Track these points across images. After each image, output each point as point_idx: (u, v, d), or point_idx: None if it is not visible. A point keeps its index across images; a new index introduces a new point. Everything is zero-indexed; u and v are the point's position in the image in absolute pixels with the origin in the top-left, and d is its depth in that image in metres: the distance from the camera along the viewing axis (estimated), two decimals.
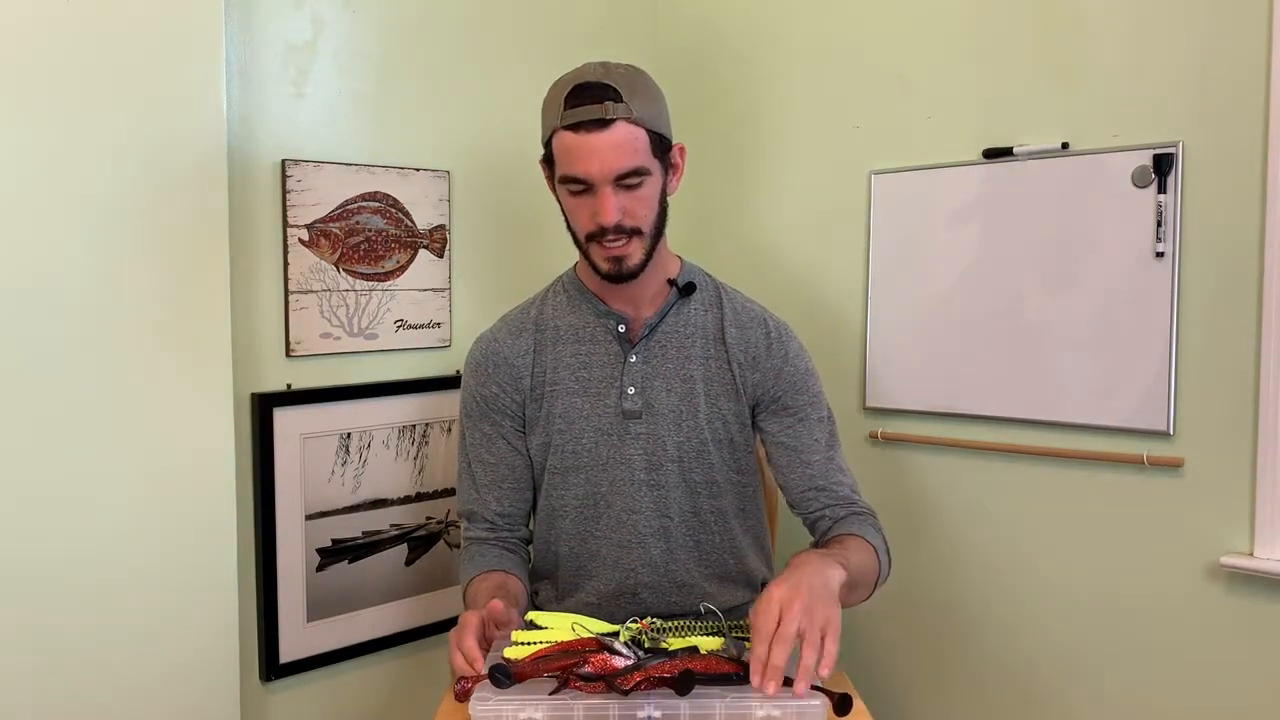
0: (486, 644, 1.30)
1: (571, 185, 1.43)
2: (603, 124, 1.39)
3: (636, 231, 1.44)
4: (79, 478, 1.42)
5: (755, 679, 1.13)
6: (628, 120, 1.40)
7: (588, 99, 1.39)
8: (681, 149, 1.52)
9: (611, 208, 1.41)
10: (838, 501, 1.51)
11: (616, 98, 1.39)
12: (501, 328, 1.61)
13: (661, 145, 1.45)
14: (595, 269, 1.48)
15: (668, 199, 1.50)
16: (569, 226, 1.50)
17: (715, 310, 1.57)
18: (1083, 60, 1.73)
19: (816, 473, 1.52)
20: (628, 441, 1.52)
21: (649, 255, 1.47)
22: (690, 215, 2.10)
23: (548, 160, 1.48)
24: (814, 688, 1.14)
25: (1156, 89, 1.66)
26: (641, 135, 1.41)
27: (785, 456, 1.54)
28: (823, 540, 1.48)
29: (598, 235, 1.43)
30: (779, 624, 1.14)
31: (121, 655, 1.47)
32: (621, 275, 1.46)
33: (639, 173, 1.41)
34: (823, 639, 1.15)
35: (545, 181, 1.53)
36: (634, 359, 1.53)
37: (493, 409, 1.57)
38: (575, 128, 1.39)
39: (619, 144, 1.39)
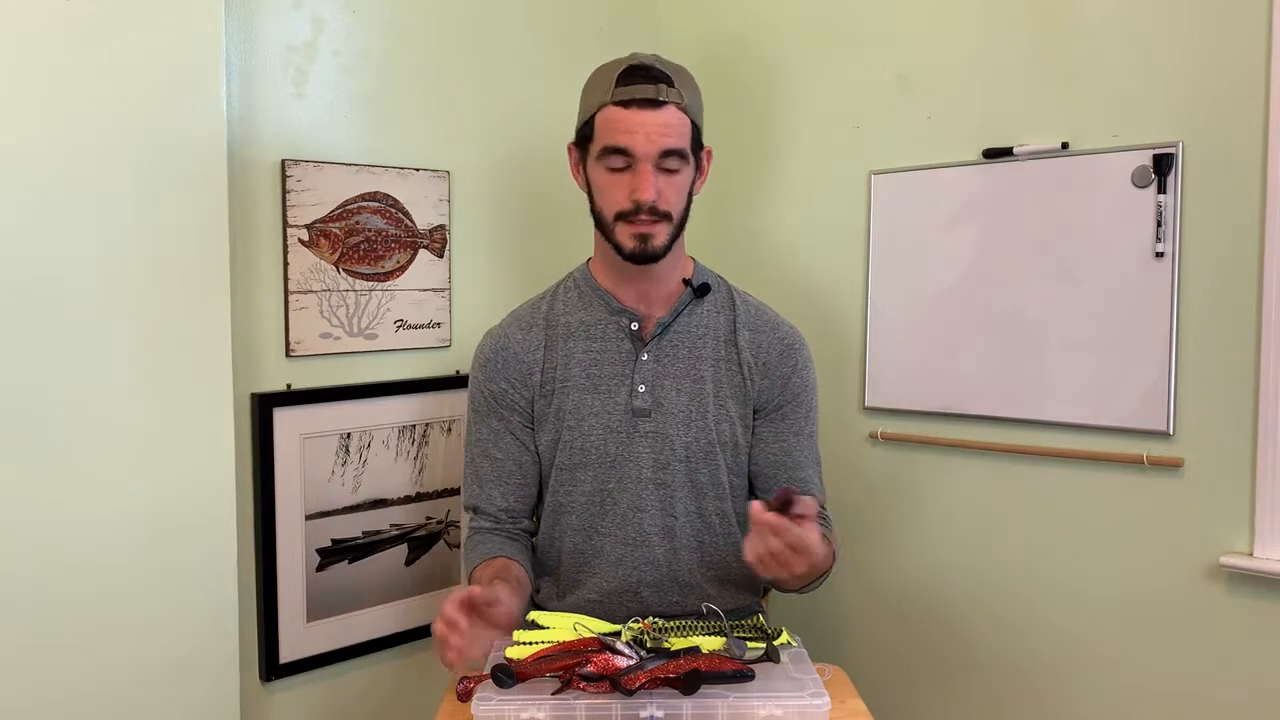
0: (485, 624, 1.23)
1: (612, 159, 1.44)
2: (655, 104, 1.42)
3: (667, 216, 1.46)
4: (79, 478, 1.42)
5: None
6: (678, 106, 1.44)
7: (642, 79, 1.43)
8: (709, 153, 1.55)
9: (650, 184, 1.43)
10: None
11: (670, 83, 1.44)
12: (511, 323, 1.61)
13: (697, 141, 1.49)
14: (619, 250, 1.48)
15: (692, 199, 1.52)
16: (594, 209, 1.51)
17: (728, 312, 1.57)
18: (1083, 60, 1.73)
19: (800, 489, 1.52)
20: (636, 439, 1.52)
21: (672, 242, 1.49)
22: (691, 215, 2.10)
23: (580, 142, 1.50)
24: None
25: (1156, 89, 1.66)
26: (687, 123, 1.46)
27: (771, 466, 1.55)
28: None
29: (630, 214, 1.45)
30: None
31: (121, 655, 1.47)
32: (645, 254, 1.47)
33: (681, 155, 1.45)
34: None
35: (570, 167, 1.54)
36: (645, 357, 1.53)
37: (501, 405, 1.57)
38: (626, 104, 1.42)
39: (668, 124, 1.43)
